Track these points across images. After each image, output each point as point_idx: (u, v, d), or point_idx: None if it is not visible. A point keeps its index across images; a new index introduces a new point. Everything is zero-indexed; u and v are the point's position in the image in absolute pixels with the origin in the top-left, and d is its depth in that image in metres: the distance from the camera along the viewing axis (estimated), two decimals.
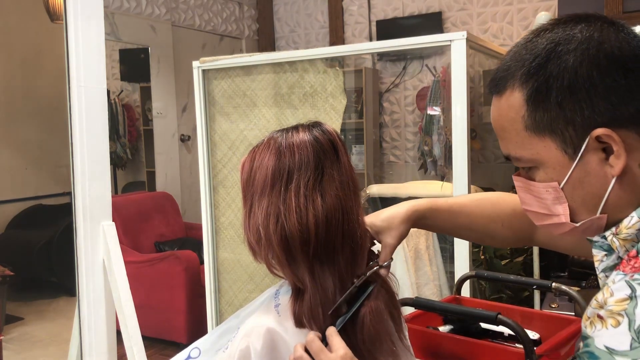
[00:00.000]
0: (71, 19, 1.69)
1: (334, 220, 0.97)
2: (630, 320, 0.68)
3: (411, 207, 1.11)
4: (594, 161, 0.76)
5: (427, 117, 4.58)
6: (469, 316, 1.29)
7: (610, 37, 0.75)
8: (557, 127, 0.76)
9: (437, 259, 2.88)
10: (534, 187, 0.82)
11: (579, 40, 0.75)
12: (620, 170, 0.75)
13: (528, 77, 0.77)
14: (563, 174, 0.78)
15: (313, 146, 0.99)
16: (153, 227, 4.37)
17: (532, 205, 0.84)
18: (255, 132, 2.68)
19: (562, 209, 0.80)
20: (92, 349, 1.75)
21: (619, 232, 0.78)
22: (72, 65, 1.70)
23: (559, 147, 0.77)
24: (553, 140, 0.77)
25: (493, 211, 1.15)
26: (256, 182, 1.00)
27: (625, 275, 0.72)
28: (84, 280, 1.74)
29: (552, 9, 4.52)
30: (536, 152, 0.79)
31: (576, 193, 0.78)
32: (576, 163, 0.76)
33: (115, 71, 5.53)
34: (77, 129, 1.71)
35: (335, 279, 0.98)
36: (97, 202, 1.74)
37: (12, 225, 5.11)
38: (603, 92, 0.73)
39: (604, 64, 0.74)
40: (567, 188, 0.78)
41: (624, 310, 0.68)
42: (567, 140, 0.76)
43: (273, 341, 0.94)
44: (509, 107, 0.79)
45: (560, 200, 0.80)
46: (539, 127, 0.77)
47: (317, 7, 5.69)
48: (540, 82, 0.76)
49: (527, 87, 0.77)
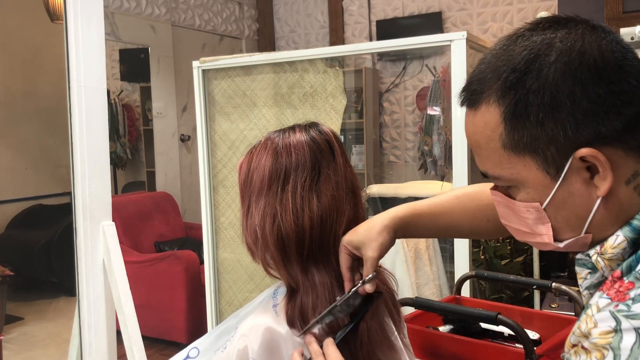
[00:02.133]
0: (71, 19, 1.69)
1: (329, 220, 0.98)
2: (615, 355, 0.64)
3: (389, 214, 1.05)
4: (577, 182, 0.71)
5: (427, 117, 4.58)
6: (469, 316, 1.29)
7: (592, 46, 0.69)
8: (538, 146, 0.70)
9: (437, 259, 2.88)
10: (514, 205, 0.77)
11: (559, 50, 0.69)
12: (606, 191, 0.70)
13: (505, 92, 0.71)
14: (545, 194, 0.73)
15: (310, 146, 1.00)
16: (153, 227, 4.37)
17: (513, 222, 0.80)
18: (255, 132, 2.68)
19: (544, 229, 0.75)
20: (92, 349, 1.75)
21: (604, 251, 0.74)
22: (72, 65, 1.70)
23: (541, 167, 0.71)
24: (534, 159, 0.71)
25: (475, 207, 1.08)
26: (253, 183, 1.01)
27: (611, 302, 0.68)
28: (84, 280, 1.74)
29: (552, 9, 4.52)
30: (516, 172, 0.73)
31: (560, 214, 0.74)
32: (559, 184, 0.71)
33: (115, 71, 5.53)
34: (77, 129, 1.71)
35: (332, 278, 0.98)
36: (97, 202, 1.74)
37: (12, 225, 5.11)
38: (586, 108, 0.68)
39: (587, 77, 0.68)
40: (549, 209, 0.74)
41: (609, 344, 0.65)
42: (549, 160, 0.70)
43: (271, 341, 0.94)
44: (485, 124, 0.73)
45: (542, 221, 0.75)
46: (518, 147, 0.71)
47: (317, 7, 5.69)
48: (519, 98, 0.70)
49: (504, 103, 0.71)
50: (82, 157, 1.72)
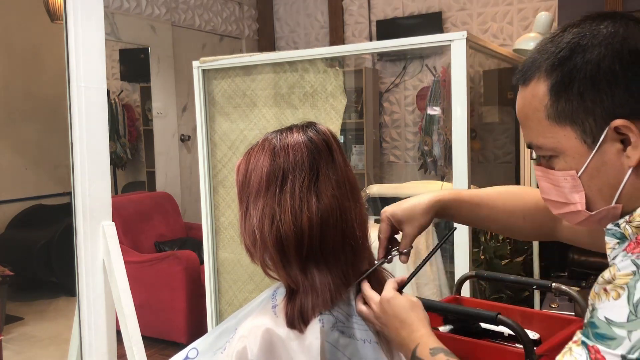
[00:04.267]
0: (71, 19, 1.69)
1: (332, 219, 0.97)
2: (629, 293, 0.70)
3: (434, 197, 1.13)
4: (611, 151, 0.78)
5: (427, 117, 4.58)
6: (469, 316, 1.29)
7: (634, 33, 0.77)
8: (578, 117, 0.78)
9: (437, 259, 2.88)
10: (552, 175, 0.84)
11: (604, 35, 0.77)
12: (637, 162, 0.77)
13: (553, 69, 0.80)
14: (581, 162, 0.80)
15: (307, 147, 0.99)
16: (153, 227, 4.37)
17: (551, 193, 0.87)
18: (255, 132, 2.68)
19: (578, 197, 0.82)
20: (92, 349, 1.75)
21: (632, 219, 0.79)
22: (72, 65, 1.70)
23: (579, 137, 0.79)
24: (573, 129, 0.79)
25: (515, 204, 1.17)
26: (251, 184, 1.00)
27: (632, 255, 0.75)
28: (84, 280, 1.74)
29: (552, 9, 4.52)
30: (557, 141, 0.81)
31: (593, 182, 0.81)
32: (594, 152, 0.79)
33: (115, 71, 5.53)
34: (77, 129, 1.71)
35: (336, 277, 0.98)
36: (97, 202, 1.74)
37: (12, 225, 5.11)
38: (624, 84, 0.76)
39: (627, 58, 0.76)
40: (584, 177, 0.81)
41: (626, 284, 0.71)
42: (587, 130, 0.78)
43: (271, 342, 0.94)
44: (533, 96, 0.82)
45: (577, 189, 0.82)
46: (560, 117, 0.80)
47: (317, 7, 5.69)
48: (564, 74, 0.79)
49: (552, 78, 0.80)
50: (82, 157, 1.71)
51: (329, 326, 0.97)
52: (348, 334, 0.99)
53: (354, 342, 0.99)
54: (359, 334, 1.01)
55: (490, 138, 4.87)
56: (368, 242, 1.06)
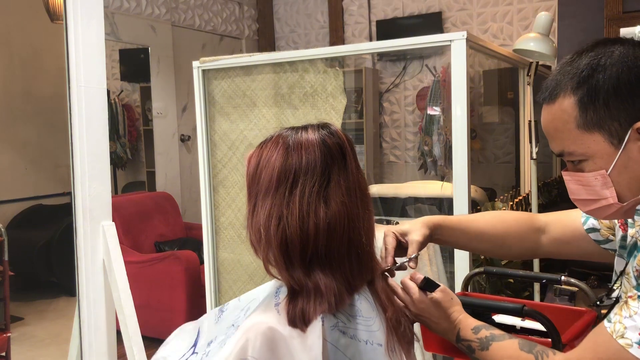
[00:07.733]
0: (71, 19, 1.69)
1: (339, 227, 0.97)
2: None
3: (424, 218, 1.28)
4: (635, 149, 0.93)
5: (427, 117, 4.59)
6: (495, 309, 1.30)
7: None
8: (605, 123, 0.93)
9: (437, 259, 2.87)
10: (583, 177, 0.98)
11: (617, 55, 0.93)
12: None
13: (578, 86, 0.94)
14: (609, 162, 0.94)
15: (321, 150, 0.98)
16: (153, 227, 4.37)
17: (581, 193, 0.99)
18: (255, 132, 2.68)
19: (609, 192, 0.96)
20: (92, 349, 1.75)
21: None
22: (72, 65, 1.70)
23: (606, 140, 0.93)
24: (601, 134, 0.93)
25: (499, 222, 1.32)
26: (261, 181, 1.00)
27: None
28: (84, 280, 1.74)
29: (552, 9, 4.52)
30: (587, 146, 0.95)
31: (621, 177, 0.94)
32: (621, 151, 0.93)
33: (115, 71, 5.53)
34: (77, 129, 1.71)
35: (340, 284, 0.98)
36: (97, 202, 1.74)
37: (12, 225, 5.11)
38: None
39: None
40: (613, 174, 0.95)
41: None
42: (614, 133, 0.93)
43: (273, 340, 0.94)
44: (562, 111, 0.96)
45: (607, 185, 0.95)
46: (589, 125, 0.94)
47: (317, 7, 5.69)
48: (590, 88, 0.93)
49: (578, 93, 0.94)
50: (82, 157, 1.71)
51: (330, 325, 0.97)
52: (349, 334, 0.99)
53: (355, 343, 0.99)
54: (363, 335, 1.00)
55: (490, 138, 4.87)
56: (374, 249, 1.05)
